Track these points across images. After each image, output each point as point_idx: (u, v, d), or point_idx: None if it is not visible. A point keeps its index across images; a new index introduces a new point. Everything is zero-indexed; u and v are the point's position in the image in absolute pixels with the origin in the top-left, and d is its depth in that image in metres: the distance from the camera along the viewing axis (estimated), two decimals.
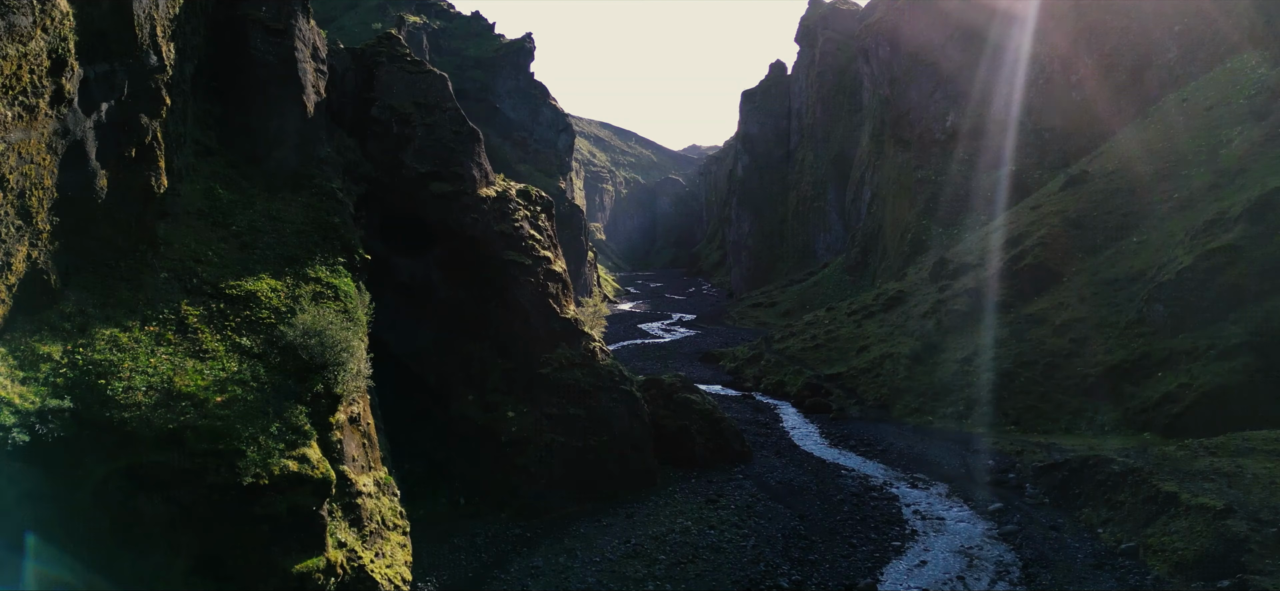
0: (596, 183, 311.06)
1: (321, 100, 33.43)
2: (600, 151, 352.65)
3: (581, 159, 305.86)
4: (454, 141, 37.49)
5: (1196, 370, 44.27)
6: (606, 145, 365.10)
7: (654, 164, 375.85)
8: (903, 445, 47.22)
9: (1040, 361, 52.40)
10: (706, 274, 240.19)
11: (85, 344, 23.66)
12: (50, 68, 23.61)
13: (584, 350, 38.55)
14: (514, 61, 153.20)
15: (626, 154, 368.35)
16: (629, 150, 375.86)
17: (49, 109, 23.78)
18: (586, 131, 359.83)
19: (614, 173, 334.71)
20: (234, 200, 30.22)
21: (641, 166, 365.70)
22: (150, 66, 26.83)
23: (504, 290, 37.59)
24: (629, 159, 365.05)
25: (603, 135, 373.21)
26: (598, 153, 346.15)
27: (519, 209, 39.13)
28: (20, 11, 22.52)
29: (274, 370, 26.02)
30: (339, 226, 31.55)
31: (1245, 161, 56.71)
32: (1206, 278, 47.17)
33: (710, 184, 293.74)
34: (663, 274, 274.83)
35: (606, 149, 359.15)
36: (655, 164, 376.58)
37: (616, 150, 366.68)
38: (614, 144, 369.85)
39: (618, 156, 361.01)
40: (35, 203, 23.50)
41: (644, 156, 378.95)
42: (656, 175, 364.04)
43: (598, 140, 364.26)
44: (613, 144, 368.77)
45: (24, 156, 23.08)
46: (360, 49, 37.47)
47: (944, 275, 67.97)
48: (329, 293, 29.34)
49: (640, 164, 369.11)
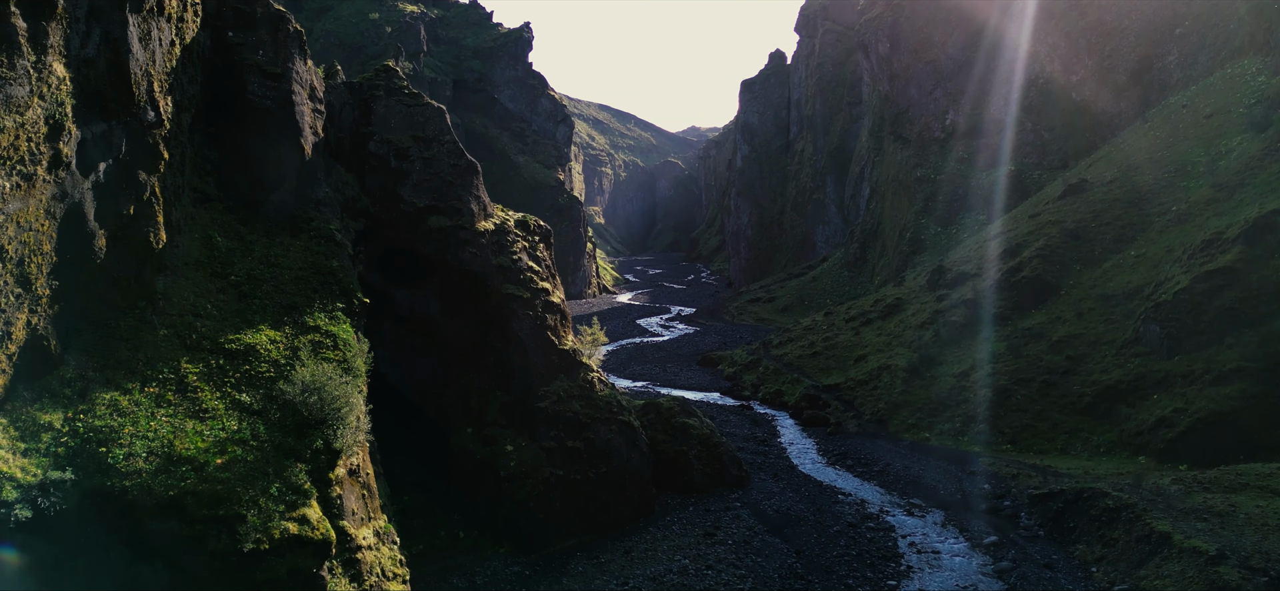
0: (595, 166, 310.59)
1: (319, 140, 33.41)
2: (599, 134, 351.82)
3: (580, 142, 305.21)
4: (452, 175, 37.49)
5: (1192, 394, 44.49)
6: (605, 128, 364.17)
7: (653, 147, 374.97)
8: (899, 466, 47.49)
9: (1037, 379, 52.62)
10: (706, 260, 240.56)
11: (86, 410, 23.79)
12: (47, 133, 23.59)
13: (582, 381, 38.72)
14: (512, 51, 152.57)
15: (625, 137, 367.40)
16: (628, 133, 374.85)
17: (47, 174, 23.78)
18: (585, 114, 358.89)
19: (613, 156, 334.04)
20: (232, 248, 30.28)
21: (641, 149, 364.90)
22: (148, 122, 26.80)
23: (503, 323, 37.71)
24: (628, 142, 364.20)
25: (601, 117, 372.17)
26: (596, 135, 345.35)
27: (517, 240, 39.19)
28: (17, 82, 22.48)
29: (274, 427, 26.17)
30: (337, 271, 31.61)
31: (1244, 175, 56.72)
32: (1203, 299, 47.29)
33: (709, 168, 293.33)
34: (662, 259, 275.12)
35: (605, 132, 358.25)
36: (654, 147, 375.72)
37: (615, 133, 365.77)
38: (613, 127, 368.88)
39: (616, 139, 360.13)
40: (34, 269, 23.55)
41: (643, 139, 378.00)
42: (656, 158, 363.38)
43: (596, 122, 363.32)
44: (611, 127, 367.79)
45: (22, 225, 23.12)
46: (357, 82, 37.36)
47: (942, 284, 68.07)
48: (328, 341, 29.45)
49: (639, 147, 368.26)
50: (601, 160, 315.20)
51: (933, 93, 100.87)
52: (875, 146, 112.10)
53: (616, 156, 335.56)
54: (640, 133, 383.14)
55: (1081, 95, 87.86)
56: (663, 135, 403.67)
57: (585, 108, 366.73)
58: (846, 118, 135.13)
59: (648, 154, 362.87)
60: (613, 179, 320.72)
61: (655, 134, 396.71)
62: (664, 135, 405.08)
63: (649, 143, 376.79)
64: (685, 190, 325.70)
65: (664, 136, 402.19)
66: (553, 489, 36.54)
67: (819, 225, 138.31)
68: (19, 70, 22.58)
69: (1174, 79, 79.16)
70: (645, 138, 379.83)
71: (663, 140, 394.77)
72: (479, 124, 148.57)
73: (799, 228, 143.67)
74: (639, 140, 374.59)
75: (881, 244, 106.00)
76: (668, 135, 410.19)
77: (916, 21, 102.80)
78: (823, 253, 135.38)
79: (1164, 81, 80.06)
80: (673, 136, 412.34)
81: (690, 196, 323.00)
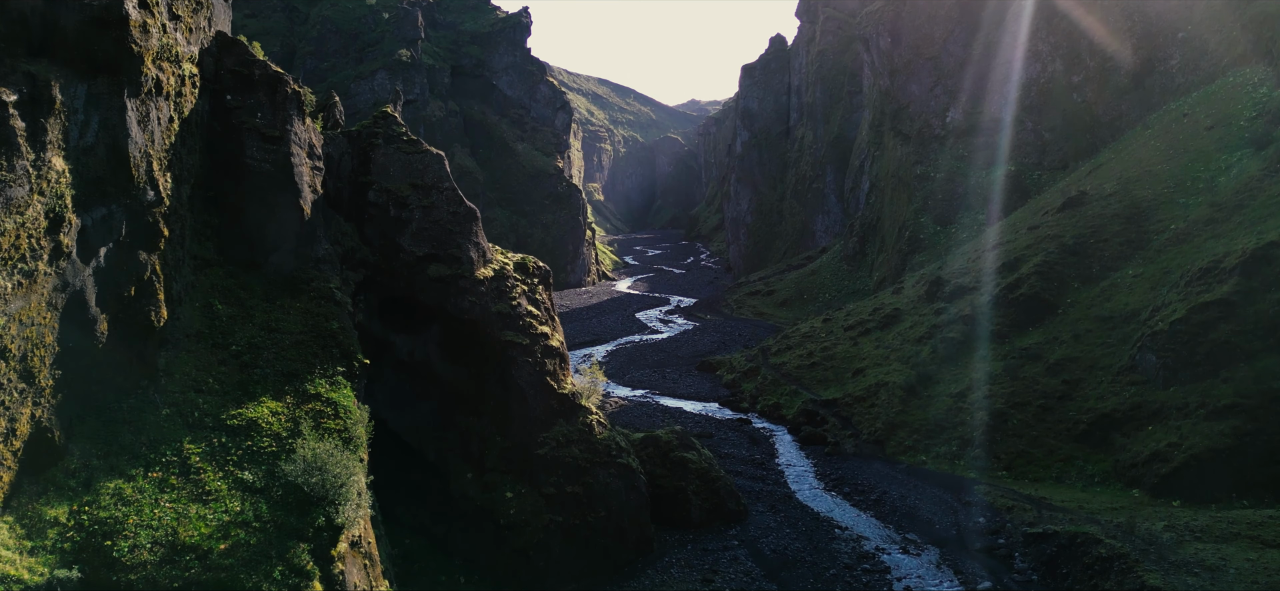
0: (594, 142, 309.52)
1: (318, 197, 33.46)
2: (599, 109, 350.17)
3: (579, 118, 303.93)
4: (451, 222, 37.56)
5: (1186, 429, 44.82)
6: (605, 102, 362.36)
7: (652, 121, 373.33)
8: (896, 494, 47.91)
9: (1033, 402, 52.95)
10: (705, 239, 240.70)
11: (91, 500, 24.07)
12: (48, 227, 23.69)
13: (582, 425, 39.03)
14: (510, 37, 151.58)
15: (625, 112, 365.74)
16: (627, 107, 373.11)
17: (48, 267, 23.91)
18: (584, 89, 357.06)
19: (612, 131, 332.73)
20: (233, 315, 30.44)
21: (640, 124, 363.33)
22: (148, 202, 26.87)
23: (502, 370, 37.95)
24: (627, 117, 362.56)
25: (600, 92, 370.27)
26: (596, 111, 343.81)
27: (516, 285, 39.33)
28: (16, 183, 22.54)
29: (276, 505, 26.46)
30: (337, 332, 31.79)
31: (1243, 196, 56.73)
32: (1199, 331, 47.51)
33: (709, 145, 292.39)
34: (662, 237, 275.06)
35: (605, 107, 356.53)
36: (654, 121, 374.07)
37: (615, 108, 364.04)
38: (612, 101, 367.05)
39: (616, 114, 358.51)
40: (37, 362, 23.75)
41: (642, 113, 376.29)
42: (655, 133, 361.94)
43: (596, 97, 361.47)
44: (611, 101, 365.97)
45: (25, 322, 23.29)
46: (356, 131, 37.30)
47: (940, 296, 68.24)
48: (329, 410, 29.69)
49: (639, 121, 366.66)
50: (600, 136, 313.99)
51: (933, 89, 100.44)
52: (875, 140, 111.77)
53: (616, 132, 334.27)
54: (640, 107, 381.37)
55: (1083, 96, 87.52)
56: (662, 110, 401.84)
57: (584, 82, 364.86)
58: (847, 106, 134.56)
59: (647, 129, 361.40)
60: (612, 155, 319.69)
61: (655, 108, 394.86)
62: (664, 110, 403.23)
63: (648, 118, 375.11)
64: (685, 167, 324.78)
65: (663, 111, 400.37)
66: (552, 535, 36.97)
67: (819, 214, 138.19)
68: (18, 171, 22.64)
69: (1176, 83, 78.84)
70: (645, 112, 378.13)
71: (662, 115, 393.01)
72: (477, 110, 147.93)
73: (798, 215, 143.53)
74: (639, 115, 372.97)
75: (881, 239, 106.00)
76: (668, 110, 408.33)
77: (918, 17, 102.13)
78: (822, 242, 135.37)
79: (1165, 85, 79.74)
80: (672, 111, 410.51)
81: (690, 173, 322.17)
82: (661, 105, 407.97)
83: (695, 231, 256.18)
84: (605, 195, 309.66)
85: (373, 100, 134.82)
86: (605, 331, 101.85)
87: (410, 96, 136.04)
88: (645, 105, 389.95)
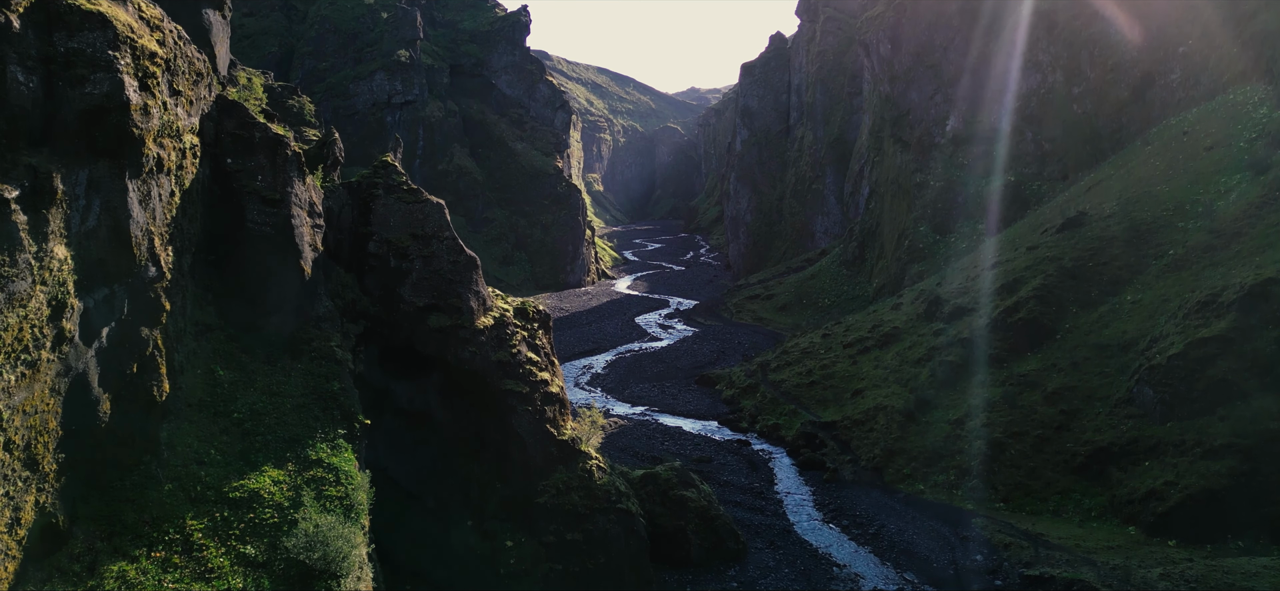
0: (594, 133, 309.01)
1: (319, 254, 33.56)
2: (598, 98, 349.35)
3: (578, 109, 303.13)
4: (451, 271, 37.67)
5: (1183, 467, 45.08)
6: (604, 92, 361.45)
7: (652, 110, 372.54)
8: (894, 528, 48.22)
9: (1031, 432, 53.21)
10: (705, 231, 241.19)
11: (95, 586, 24.26)
12: (50, 315, 23.79)
13: (581, 471, 39.26)
14: (509, 35, 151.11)
15: (625, 101, 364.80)
16: (627, 97, 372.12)
17: (51, 354, 24.02)
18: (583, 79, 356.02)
19: (612, 121, 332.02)
20: (235, 380, 30.59)
21: (640, 114, 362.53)
22: (149, 278, 26.97)
23: (502, 418, 38.15)
24: (627, 106, 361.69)
25: (600, 81, 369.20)
26: (595, 100, 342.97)
27: (516, 332, 39.48)
28: (19, 278, 22.62)
29: (278, 579, 26.69)
30: (338, 393, 31.96)
31: (1241, 223, 56.81)
32: (1196, 367, 47.70)
33: (709, 136, 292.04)
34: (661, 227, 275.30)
35: (604, 96, 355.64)
36: (653, 111, 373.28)
37: (614, 97, 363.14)
38: (611, 91, 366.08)
39: (615, 103, 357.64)
40: (41, 449, 23.88)
41: (642, 103, 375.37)
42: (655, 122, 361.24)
43: (595, 86, 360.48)
44: (610, 91, 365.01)
45: (29, 411, 23.43)
46: (356, 182, 37.36)
47: (938, 316, 68.42)
48: (330, 477, 29.90)
49: (639, 111, 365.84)
50: (600, 127, 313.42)
51: (933, 97, 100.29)
52: (875, 146, 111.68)
53: (615, 121, 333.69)
54: (639, 96, 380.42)
55: (1083, 107, 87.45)
56: (662, 98, 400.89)
57: (583, 72, 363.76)
58: (847, 108, 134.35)
59: (647, 118, 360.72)
60: (611, 145, 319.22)
61: (654, 97, 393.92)
62: (663, 98, 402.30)
63: (648, 107, 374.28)
64: (685, 157, 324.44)
65: (663, 100, 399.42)
66: (552, 583, 37.23)
67: (818, 215, 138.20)
68: (21, 265, 22.71)
69: (1176, 98, 78.78)
70: (644, 102, 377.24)
71: (662, 104, 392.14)
72: (476, 110, 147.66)
73: (798, 216, 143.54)
74: (638, 104, 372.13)
75: (880, 246, 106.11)
76: (667, 98, 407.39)
77: (918, 24, 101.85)
78: (821, 244, 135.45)
79: (1166, 100, 79.68)
80: (672, 100, 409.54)
81: (690, 163, 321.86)
82: (661, 94, 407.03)
83: (694, 223, 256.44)
84: (605, 186, 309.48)
85: (371, 101, 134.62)
86: (605, 339, 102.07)
87: (409, 97, 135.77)
88: (645, 94, 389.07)
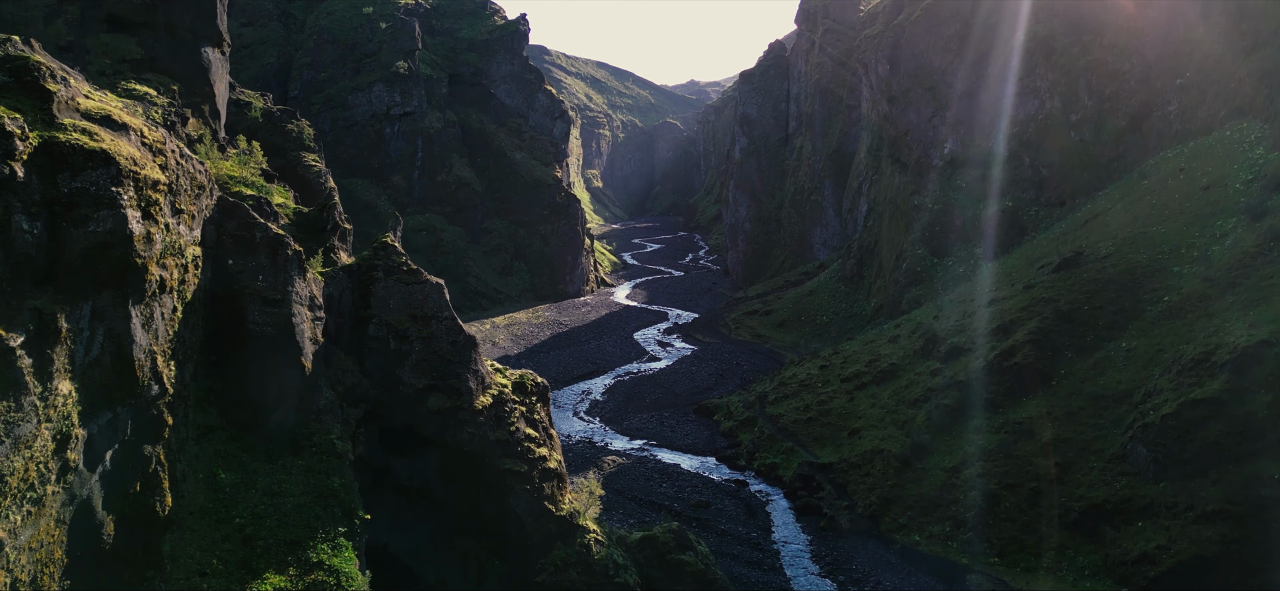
0: (593, 128, 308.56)
1: (319, 346, 33.87)
2: (597, 93, 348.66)
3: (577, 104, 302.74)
4: (450, 352, 38.01)
5: (1176, 530, 45.56)
6: (603, 86, 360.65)
7: (651, 105, 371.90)
8: (890, 586, 48.74)
9: (1026, 484, 53.66)
10: (704, 230, 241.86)
11: None
12: (55, 449, 24.12)
13: (579, 546, 39.68)
14: (508, 44, 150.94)
15: (624, 95, 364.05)
16: (626, 91, 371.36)
17: (56, 487, 24.36)
18: (582, 73, 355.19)
19: (611, 116, 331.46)
20: (236, 482, 30.94)
21: (639, 108, 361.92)
22: (152, 397, 27.28)
23: (501, 497, 38.57)
24: (626, 100, 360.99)
25: (598, 75, 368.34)
26: (594, 95, 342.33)
27: (515, 408, 39.85)
28: (25, 421, 22.94)
29: None
30: (339, 489, 32.34)
31: (1236, 272, 57.06)
32: (1190, 428, 48.10)
33: (708, 133, 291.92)
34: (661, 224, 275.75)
35: (603, 91, 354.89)
36: (653, 105, 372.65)
37: (613, 91, 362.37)
38: (610, 85, 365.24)
39: (614, 98, 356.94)
40: (46, 579, 24.23)
41: (641, 97, 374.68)
42: (654, 117, 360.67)
43: (594, 81, 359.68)
44: (609, 85, 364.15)
45: (35, 547, 23.79)
46: (355, 265, 37.61)
47: (934, 354, 68.86)
48: (330, 581, 30.30)
49: (638, 105, 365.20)
50: (599, 122, 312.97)
51: (931, 119, 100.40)
52: (873, 165, 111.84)
53: (614, 116, 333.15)
54: (638, 90, 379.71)
55: (1080, 135, 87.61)
56: (661, 92, 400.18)
57: (582, 66, 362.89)
58: (846, 120, 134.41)
59: (646, 113, 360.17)
60: (610, 141, 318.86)
61: (654, 91, 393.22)
62: (662, 92, 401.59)
63: (647, 101, 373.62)
64: (684, 153, 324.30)
65: (662, 94, 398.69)
66: None
67: (816, 226, 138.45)
68: (26, 408, 23.00)
69: (1173, 129, 78.98)
70: (643, 96, 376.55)
71: (661, 98, 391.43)
72: (475, 119, 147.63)
73: (797, 226, 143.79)
74: (637, 98, 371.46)
75: (878, 265, 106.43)
76: (666, 92, 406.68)
77: (916, 45, 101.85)
78: (820, 255, 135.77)
79: (1163, 131, 79.87)
80: (671, 93, 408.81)
81: (689, 159, 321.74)
82: (660, 88, 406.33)
83: (694, 221, 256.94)
84: (604, 182, 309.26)
85: (370, 112, 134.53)
86: (604, 359, 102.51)
87: (408, 108, 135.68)
88: (644, 88, 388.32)
